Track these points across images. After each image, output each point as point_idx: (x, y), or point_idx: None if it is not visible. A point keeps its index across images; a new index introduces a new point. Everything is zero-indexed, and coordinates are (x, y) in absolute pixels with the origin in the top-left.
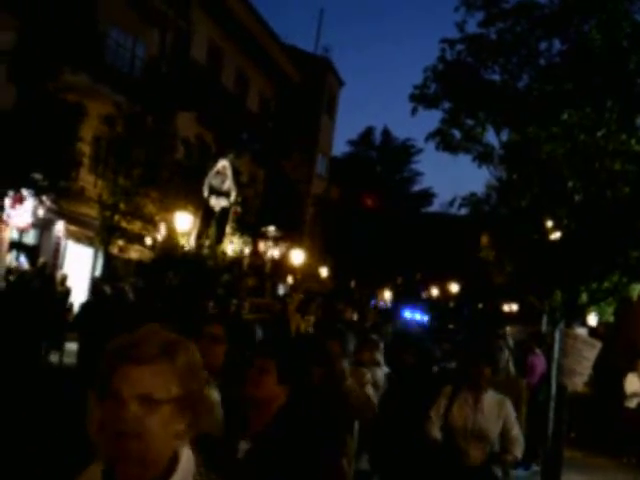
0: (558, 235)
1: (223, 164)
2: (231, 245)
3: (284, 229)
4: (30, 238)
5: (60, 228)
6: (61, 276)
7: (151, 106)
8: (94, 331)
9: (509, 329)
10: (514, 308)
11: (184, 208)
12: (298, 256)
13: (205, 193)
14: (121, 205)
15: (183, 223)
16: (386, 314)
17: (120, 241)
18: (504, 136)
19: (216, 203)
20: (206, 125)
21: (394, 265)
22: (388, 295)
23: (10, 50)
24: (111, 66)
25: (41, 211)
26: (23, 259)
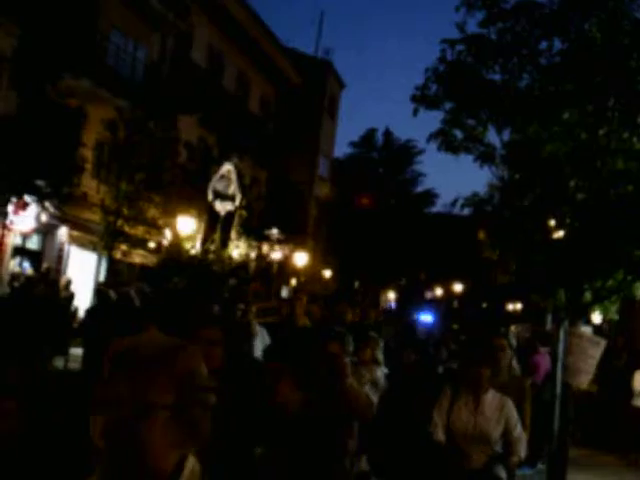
0: (561, 234)
1: (228, 168)
2: (237, 249)
3: (287, 231)
4: (33, 244)
5: (63, 233)
6: (65, 281)
7: (153, 110)
8: (99, 336)
9: (513, 328)
10: (518, 307)
11: (187, 212)
12: (301, 258)
13: (210, 197)
14: (124, 210)
15: (185, 227)
16: (390, 315)
17: (123, 246)
18: (505, 136)
19: (221, 207)
20: (208, 128)
21: (398, 266)
22: (392, 296)
23: (11, 56)
24: (112, 70)
25: (44, 217)
26: (26, 265)
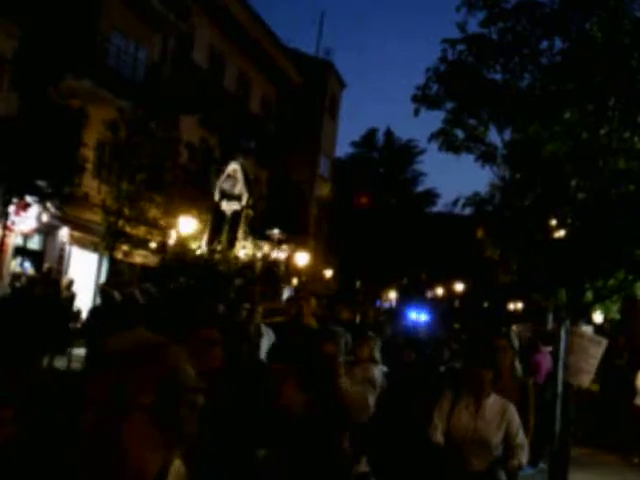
0: (562, 233)
1: (234, 167)
2: (243, 250)
3: (288, 231)
4: (34, 244)
5: (64, 234)
6: (67, 281)
7: (154, 110)
8: (102, 337)
9: (515, 327)
10: (519, 306)
11: (188, 212)
12: (302, 258)
13: (216, 197)
14: (125, 210)
15: (187, 227)
16: (389, 314)
17: (124, 246)
18: (507, 135)
19: (228, 207)
20: (209, 128)
21: (399, 265)
22: (393, 295)
23: (13, 57)
24: (113, 71)
25: (45, 217)
26: (27, 265)
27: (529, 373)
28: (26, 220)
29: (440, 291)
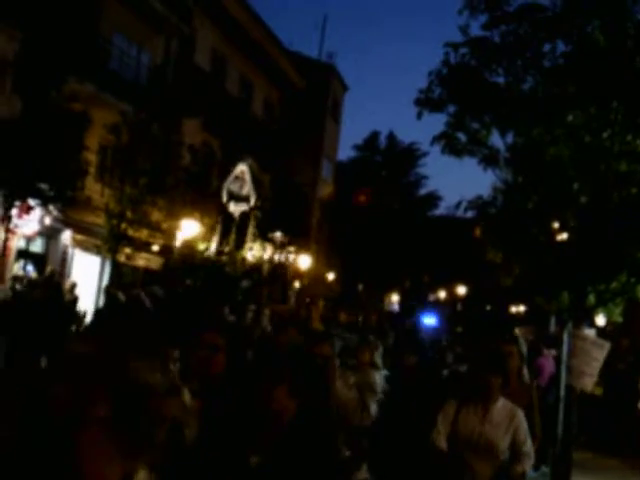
0: (565, 236)
1: (242, 169)
2: (251, 252)
3: (291, 234)
4: (37, 247)
5: (67, 237)
6: (70, 284)
7: (156, 113)
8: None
9: (517, 330)
10: (522, 310)
11: (191, 215)
12: (305, 261)
13: (224, 199)
14: (128, 213)
15: (189, 230)
16: (394, 318)
17: (127, 249)
18: (509, 139)
19: (235, 209)
20: (212, 132)
21: (401, 268)
22: (396, 298)
23: (15, 60)
24: (116, 74)
25: (48, 220)
26: (30, 268)
27: (532, 376)
28: (29, 223)
29: (442, 294)
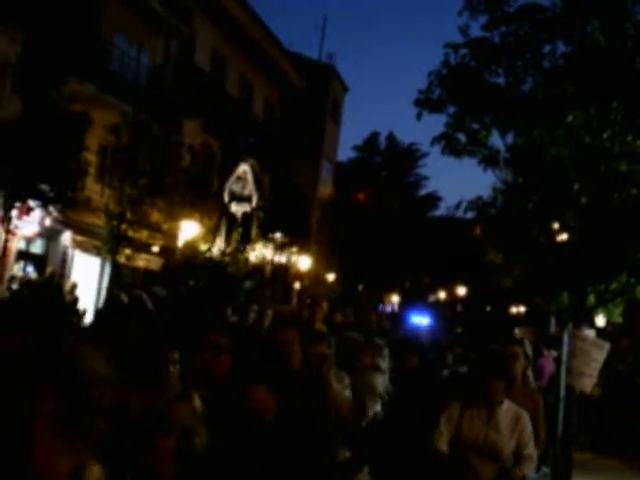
0: (565, 237)
1: (244, 169)
2: (253, 252)
3: (290, 234)
4: (37, 248)
5: (67, 238)
6: (70, 285)
7: (156, 114)
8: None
9: (517, 331)
10: (522, 310)
11: (191, 216)
12: (305, 262)
13: (226, 199)
14: (128, 214)
15: (189, 231)
16: (394, 319)
17: (127, 250)
18: (509, 139)
19: (237, 209)
20: (212, 132)
21: (401, 269)
22: (396, 299)
23: (15, 62)
24: (116, 75)
25: (48, 221)
26: (30, 269)
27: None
28: (29, 224)
29: (442, 295)
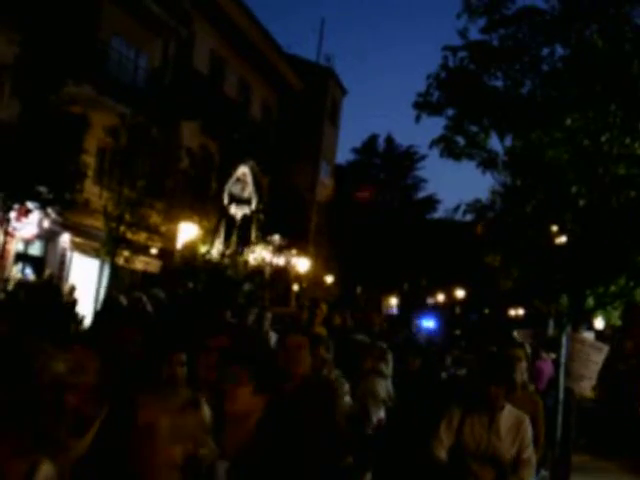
0: (563, 239)
1: (243, 171)
2: (253, 254)
3: (289, 237)
4: (35, 250)
5: (65, 240)
6: (69, 287)
7: (155, 116)
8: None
9: (516, 333)
10: (520, 313)
11: (189, 218)
12: (303, 264)
13: (225, 201)
14: (126, 216)
15: (188, 233)
16: (396, 321)
17: (125, 252)
18: (508, 142)
19: (237, 211)
20: (210, 134)
21: (400, 271)
22: (394, 301)
23: (13, 64)
24: (114, 77)
25: (46, 223)
26: (29, 271)
27: (531, 380)
28: (27, 226)
29: (441, 297)
